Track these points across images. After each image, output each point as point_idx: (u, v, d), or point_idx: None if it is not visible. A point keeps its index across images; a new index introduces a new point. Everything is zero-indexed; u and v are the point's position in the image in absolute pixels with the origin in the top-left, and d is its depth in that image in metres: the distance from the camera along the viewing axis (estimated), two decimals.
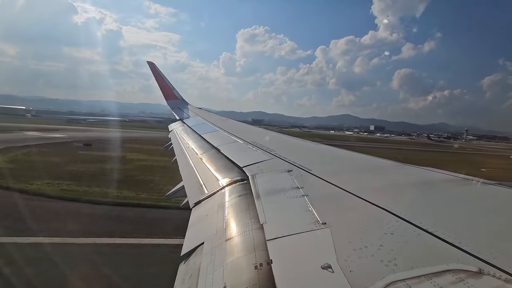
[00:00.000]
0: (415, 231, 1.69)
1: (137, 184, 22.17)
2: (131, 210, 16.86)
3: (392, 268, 1.37)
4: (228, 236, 2.14)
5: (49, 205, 16.99)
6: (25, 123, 76.97)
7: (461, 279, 1.25)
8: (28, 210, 15.24)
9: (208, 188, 3.45)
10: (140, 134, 67.24)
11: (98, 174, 25.03)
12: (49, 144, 40.84)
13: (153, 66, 13.24)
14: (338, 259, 1.49)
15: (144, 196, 19.26)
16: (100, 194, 19.11)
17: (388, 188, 2.64)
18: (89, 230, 13.54)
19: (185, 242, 2.38)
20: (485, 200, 2.27)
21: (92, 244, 12.44)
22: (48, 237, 12.46)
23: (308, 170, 3.15)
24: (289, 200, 2.43)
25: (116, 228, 14.29)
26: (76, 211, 16.21)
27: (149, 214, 16.53)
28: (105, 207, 16.98)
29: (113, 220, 15.52)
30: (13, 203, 16.56)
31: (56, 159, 29.83)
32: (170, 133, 9.06)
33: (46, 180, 21.10)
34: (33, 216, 14.41)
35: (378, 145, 78.69)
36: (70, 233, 12.89)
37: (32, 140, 43.02)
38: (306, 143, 5.49)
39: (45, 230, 13.16)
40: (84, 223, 14.34)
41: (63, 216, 15.42)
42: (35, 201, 17.13)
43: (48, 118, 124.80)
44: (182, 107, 12.43)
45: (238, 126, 8.58)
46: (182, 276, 1.98)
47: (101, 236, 13.20)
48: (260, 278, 1.57)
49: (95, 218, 15.38)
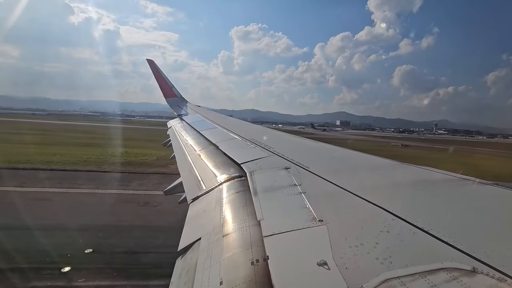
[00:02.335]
0: (411, 229, 1.70)
1: None
2: None
3: (387, 265, 1.39)
4: (225, 232, 2.15)
5: None
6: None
7: (455, 278, 1.26)
8: None
9: (206, 184, 3.45)
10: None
11: None
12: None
13: (152, 64, 13.20)
14: (334, 256, 1.50)
15: None
16: None
17: (385, 186, 2.66)
18: None
19: (182, 238, 2.38)
20: (481, 200, 2.29)
21: None
22: None
23: (306, 167, 3.16)
24: (286, 197, 2.44)
25: None
26: None
27: None
28: None
29: None
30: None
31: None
32: (168, 130, 9.05)
33: None
34: None
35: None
36: None
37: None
38: (305, 141, 5.49)
39: None
40: None
41: None
42: None
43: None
44: (181, 105, 12.44)
45: (237, 123, 8.58)
46: (179, 271, 1.99)
47: None
48: (256, 274, 1.58)
49: None
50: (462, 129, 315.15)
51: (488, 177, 2.62)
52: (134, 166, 24.41)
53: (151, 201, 15.56)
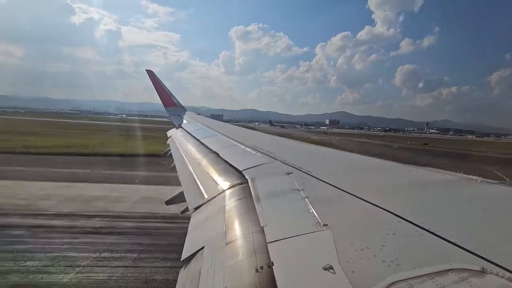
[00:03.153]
0: (417, 231, 1.68)
1: None
2: None
3: (394, 268, 1.36)
4: (229, 239, 2.12)
5: None
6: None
7: (464, 278, 1.24)
8: None
9: (208, 193, 3.43)
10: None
11: None
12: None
13: (152, 74, 13.36)
14: (339, 260, 1.47)
15: None
16: None
17: (389, 189, 2.63)
18: None
19: (185, 247, 2.35)
20: (487, 200, 2.26)
21: None
22: None
23: (308, 172, 3.15)
24: (289, 203, 2.42)
25: None
26: None
27: None
28: None
29: None
30: None
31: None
32: (168, 139, 9.05)
33: None
34: None
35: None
36: None
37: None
38: (306, 146, 5.48)
39: None
40: None
41: None
42: None
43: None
44: (181, 113, 12.56)
45: (237, 130, 8.60)
46: (182, 281, 1.96)
47: None
48: (261, 281, 1.55)
49: None
50: (464, 129, 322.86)
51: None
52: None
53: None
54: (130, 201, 17.24)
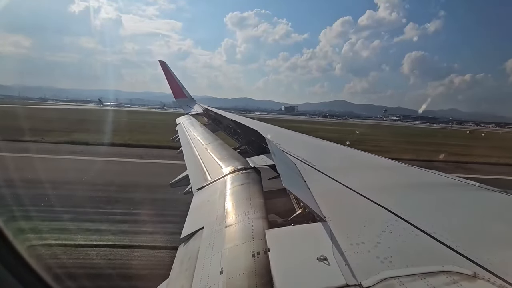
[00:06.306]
0: (413, 231, 1.70)
1: None
2: None
3: (387, 265, 1.39)
4: (228, 223, 2.18)
5: None
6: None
7: (455, 281, 1.26)
8: None
9: (212, 176, 3.49)
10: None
11: None
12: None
13: (164, 65, 13.60)
14: (334, 252, 1.51)
15: None
16: None
17: (390, 187, 2.64)
18: None
19: (186, 225, 2.42)
20: (484, 206, 2.27)
21: None
22: None
23: (312, 165, 3.16)
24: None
25: None
26: None
27: None
28: None
29: None
30: None
31: None
32: (177, 126, 9.30)
33: None
34: None
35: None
36: None
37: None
38: (311, 139, 5.48)
39: None
40: None
41: None
42: None
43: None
44: (191, 104, 12.99)
45: (243, 120, 8.66)
46: (181, 257, 2.03)
47: None
48: (256, 265, 1.60)
49: None
50: (467, 119, 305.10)
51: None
52: None
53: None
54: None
